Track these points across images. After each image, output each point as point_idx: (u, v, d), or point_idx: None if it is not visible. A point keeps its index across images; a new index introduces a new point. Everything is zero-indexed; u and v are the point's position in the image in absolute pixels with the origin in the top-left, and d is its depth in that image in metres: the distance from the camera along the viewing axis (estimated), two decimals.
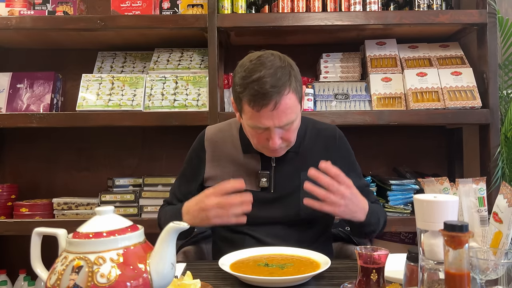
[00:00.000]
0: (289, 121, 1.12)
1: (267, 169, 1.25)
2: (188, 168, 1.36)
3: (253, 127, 1.14)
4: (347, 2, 2.01)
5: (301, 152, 1.27)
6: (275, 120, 1.10)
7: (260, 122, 1.10)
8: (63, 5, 2.09)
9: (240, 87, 1.11)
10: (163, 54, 2.17)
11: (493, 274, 0.78)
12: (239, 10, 2.01)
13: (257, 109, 1.09)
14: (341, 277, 1.04)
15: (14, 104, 2.08)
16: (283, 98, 1.08)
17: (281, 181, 1.25)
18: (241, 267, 1.06)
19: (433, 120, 1.90)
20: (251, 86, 1.08)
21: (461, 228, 0.60)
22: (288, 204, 1.24)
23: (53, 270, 0.70)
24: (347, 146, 1.34)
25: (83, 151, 2.30)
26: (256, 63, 1.10)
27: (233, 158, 1.28)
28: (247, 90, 1.09)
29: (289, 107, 1.10)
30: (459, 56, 2.08)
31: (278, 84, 1.07)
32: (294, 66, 1.16)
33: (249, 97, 1.09)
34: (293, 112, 1.12)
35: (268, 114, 1.09)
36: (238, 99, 1.14)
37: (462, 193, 0.98)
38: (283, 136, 1.15)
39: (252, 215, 1.14)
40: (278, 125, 1.11)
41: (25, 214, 1.97)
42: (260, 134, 1.15)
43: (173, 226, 0.73)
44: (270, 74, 1.07)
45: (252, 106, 1.09)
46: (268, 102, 1.07)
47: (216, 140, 1.31)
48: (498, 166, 1.85)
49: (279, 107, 1.08)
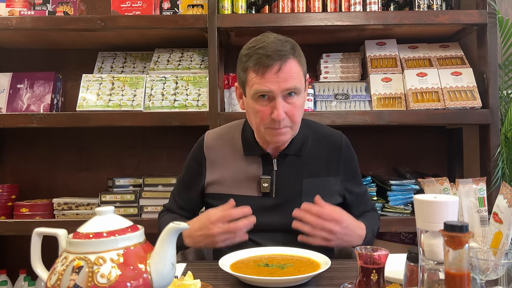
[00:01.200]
0: (294, 86, 1.12)
1: (268, 173, 1.24)
2: (188, 175, 1.34)
3: (258, 93, 1.13)
4: (347, 3, 2.01)
5: (303, 156, 1.26)
6: (281, 83, 1.10)
7: (265, 85, 1.10)
8: (63, 5, 2.09)
9: (246, 56, 1.14)
10: (163, 54, 2.17)
11: (493, 275, 0.78)
12: (239, 10, 2.01)
13: (262, 72, 1.10)
14: (341, 277, 1.04)
15: (15, 104, 2.08)
16: (288, 62, 1.11)
17: (282, 186, 1.24)
18: (241, 267, 1.06)
19: (433, 120, 1.90)
20: (256, 52, 1.11)
21: (461, 228, 0.60)
22: (290, 210, 1.19)
23: (53, 270, 0.70)
24: (353, 154, 1.33)
25: (84, 151, 2.30)
26: (261, 37, 1.16)
27: (234, 162, 1.27)
28: (253, 56, 1.12)
29: (294, 71, 1.12)
30: (459, 56, 2.08)
31: (283, 49, 1.11)
32: (298, 46, 1.18)
33: (254, 61, 1.11)
34: (298, 79, 1.13)
35: (273, 77, 1.10)
36: (243, 71, 1.15)
37: (462, 193, 0.98)
38: (287, 110, 1.13)
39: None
40: (283, 87, 1.11)
41: (25, 214, 1.97)
42: (264, 108, 1.13)
43: (173, 227, 0.73)
44: (275, 42, 1.12)
45: (257, 69, 1.11)
46: (273, 63, 1.09)
47: (216, 145, 1.30)
48: (498, 167, 1.85)
49: (284, 69, 1.10)
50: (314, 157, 1.26)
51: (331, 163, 1.26)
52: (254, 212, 1.14)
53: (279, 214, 1.22)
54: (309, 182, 1.23)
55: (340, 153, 1.28)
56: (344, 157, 1.28)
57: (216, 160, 1.28)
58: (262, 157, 1.26)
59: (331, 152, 1.28)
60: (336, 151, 1.28)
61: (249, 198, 1.22)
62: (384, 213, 1.93)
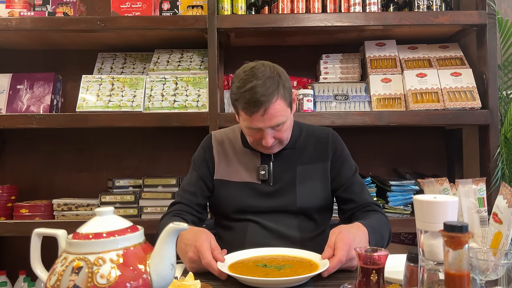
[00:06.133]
0: (278, 123, 1.26)
1: (266, 163, 1.38)
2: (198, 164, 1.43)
3: (248, 128, 1.29)
4: (347, 3, 2.01)
5: (297, 148, 1.41)
6: (266, 122, 1.25)
7: (253, 124, 1.26)
8: (63, 6, 2.09)
9: (235, 95, 1.27)
10: (163, 55, 2.17)
11: (493, 275, 0.78)
12: (239, 11, 2.01)
13: (249, 114, 1.24)
14: (341, 277, 1.04)
15: (14, 105, 2.08)
16: (272, 105, 1.23)
17: (279, 174, 1.37)
18: (240, 267, 1.06)
19: (432, 121, 1.90)
20: (243, 95, 1.23)
21: (460, 228, 0.60)
22: (286, 195, 1.35)
23: (53, 271, 0.70)
24: (341, 142, 1.44)
25: (83, 152, 2.30)
26: (249, 74, 1.25)
27: (236, 155, 1.42)
28: (240, 98, 1.24)
29: (278, 111, 1.25)
30: (458, 57, 2.08)
31: (267, 93, 1.22)
32: (283, 75, 1.29)
33: (242, 105, 1.24)
34: (282, 115, 1.26)
35: (259, 118, 1.24)
36: (235, 105, 1.30)
37: (462, 193, 0.99)
38: (275, 135, 1.29)
39: (255, 205, 1.33)
40: (269, 126, 1.26)
41: (25, 215, 1.97)
42: (255, 134, 1.30)
43: (173, 227, 0.73)
44: (260, 84, 1.22)
45: (245, 112, 1.25)
46: (259, 109, 1.22)
47: (222, 140, 1.45)
48: (497, 167, 1.85)
49: (269, 112, 1.23)
50: (306, 148, 1.42)
51: (320, 151, 1.40)
52: (255, 197, 1.34)
53: (277, 198, 1.35)
54: (302, 169, 1.38)
55: (328, 141, 1.42)
56: (331, 144, 1.41)
57: (222, 152, 1.43)
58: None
59: (320, 142, 1.42)
60: (324, 140, 1.42)
61: (250, 184, 1.36)
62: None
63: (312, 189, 1.35)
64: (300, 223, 1.34)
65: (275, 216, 1.33)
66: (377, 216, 1.31)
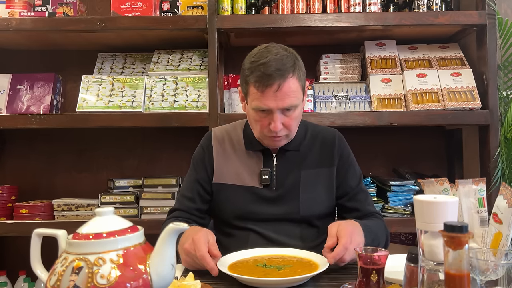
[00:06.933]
0: (291, 104, 1.18)
1: (268, 167, 1.31)
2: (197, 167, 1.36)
3: (257, 108, 1.20)
4: (347, 3, 2.01)
5: (301, 150, 1.34)
6: (278, 101, 1.16)
7: (264, 103, 1.17)
8: (63, 6, 2.09)
9: (248, 70, 1.19)
10: (163, 55, 2.17)
11: (493, 275, 0.78)
12: (239, 11, 2.01)
13: (261, 90, 1.16)
14: (341, 278, 1.04)
15: (14, 105, 2.08)
16: (287, 81, 1.16)
17: (282, 178, 1.30)
18: (240, 267, 1.06)
19: (432, 121, 1.90)
20: (257, 68, 1.16)
21: (461, 229, 0.60)
22: (289, 201, 1.28)
23: (53, 271, 0.70)
24: (346, 146, 1.39)
25: (83, 152, 2.30)
26: (264, 50, 1.20)
27: (237, 155, 1.34)
28: (254, 72, 1.17)
29: (292, 90, 1.17)
30: (458, 57, 2.08)
31: (283, 68, 1.15)
32: (299, 59, 1.24)
33: (255, 79, 1.16)
34: (295, 97, 1.19)
35: (271, 95, 1.16)
36: (245, 83, 1.22)
37: (462, 194, 0.98)
38: (284, 122, 1.20)
39: (256, 211, 1.27)
40: (281, 106, 1.17)
41: (25, 215, 1.97)
42: (263, 119, 1.21)
43: (173, 227, 0.73)
44: (276, 59, 1.16)
45: (257, 87, 1.17)
46: (272, 83, 1.15)
47: (222, 138, 1.37)
48: (497, 167, 1.85)
49: (282, 89, 1.15)
50: (311, 151, 1.34)
51: (326, 155, 1.33)
52: (257, 203, 1.26)
53: (280, 204, 1.28)
54: (306, 173, 1.30)
55: (334, 145, 1.35)
56: (338, 149, 1.35)
57: (222, 152, 1.35)
58: (263, 152, 1.33)
59: (326, 146, 1.35)
60: (331, 144, 1.35)
61: (251, 188, 1.29)
62: (384, 214, 1.93)
63: (316, 196, 1.29)
64: (302, 232, 1.28)
65: (277, 225, 1.27)
66: (374, 220, 1.29)
